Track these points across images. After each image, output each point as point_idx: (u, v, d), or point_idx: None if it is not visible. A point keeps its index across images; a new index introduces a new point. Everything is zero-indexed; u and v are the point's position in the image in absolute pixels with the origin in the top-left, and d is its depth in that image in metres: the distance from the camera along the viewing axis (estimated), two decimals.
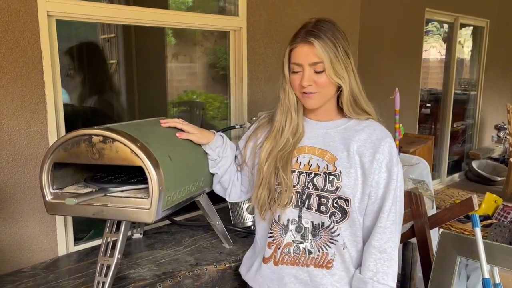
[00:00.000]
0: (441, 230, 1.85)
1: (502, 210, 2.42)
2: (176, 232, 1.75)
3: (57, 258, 1.55)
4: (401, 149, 2.57)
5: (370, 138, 1.18)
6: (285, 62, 1.20)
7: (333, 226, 1.16)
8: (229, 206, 1.78)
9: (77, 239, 1.67)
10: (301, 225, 1.18)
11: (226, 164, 1.34)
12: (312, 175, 1.18)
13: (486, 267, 1.50)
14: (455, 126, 4.99)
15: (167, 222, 1.84)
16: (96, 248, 1.59)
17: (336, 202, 1.15)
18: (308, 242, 1.18)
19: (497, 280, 1.54)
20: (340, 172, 1.16)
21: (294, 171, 1.19)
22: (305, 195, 1.17)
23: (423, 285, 1.90)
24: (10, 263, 1.46)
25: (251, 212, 1.70)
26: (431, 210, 2.14)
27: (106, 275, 1.23)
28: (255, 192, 1.23)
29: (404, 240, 1.96)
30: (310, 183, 1.17)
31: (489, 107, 5.43)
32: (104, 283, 1.22)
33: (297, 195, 1.18)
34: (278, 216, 1.20)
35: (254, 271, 1.28)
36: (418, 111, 4.22)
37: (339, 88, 1.18)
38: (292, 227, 1.18)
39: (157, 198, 1.14)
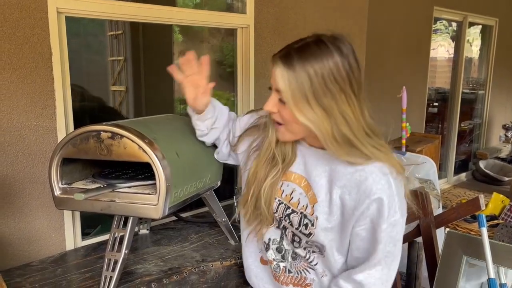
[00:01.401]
0: (447, 229, 1.84)
1: (509, 210, 2.41)
2: (182, 228, 1.76)
3: (65, 253, 1.56)
4: (407, 148, 2.56)
5: (359, 188, 0.97)
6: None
7: (309, 257, 1.09)
8: (235, 203, 1.79)
9: (84, 234, 1.69)
10: (282, 246, 1.12)
11: (214, 135, 1.27)
12: (290, 210, 1.07)
13: (492, 267, 1.50)
14: (462, 125, 4.96)
15: (174, 218, 1.85)
16: (103, 243, 1.61)
17: (310, 244, 1.07)
18: (288, 263, 1.12)
19: (503, 280, 1.53)
20: (316, 218, 1.02)
21: (276, 199, 1.09)
22: (282, 225, 1.10)
23: (428, 284, 1.90)
24: (19, 257, 1.48)
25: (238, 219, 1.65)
26: (437, 210, 2.13)
27: (113, 270, 1.24)
28: (243, 201, 1.14)
29: (410, 239, 1.96)
30: (287, 217, 1.07)
31: (497, 106, 5.39)
32: (111, 277, 1.23)
33: (279, 220, 1.10)
34: (261, 233, 1.13)
35: (247, 269, 1.25)
36: (425, 110, 4.20)
37: None
38: (273, 246, 1.13)
39: (164, 194, 1.15)
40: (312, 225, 1.03)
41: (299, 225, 1.05)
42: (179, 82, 1.16)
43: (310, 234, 1.04)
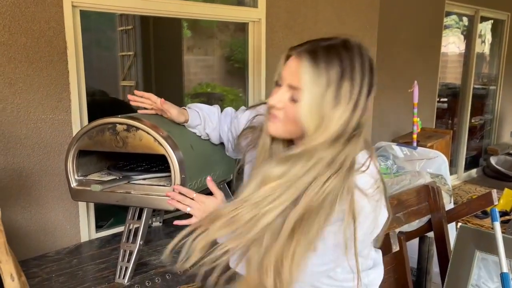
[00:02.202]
0: (459, 224, 1.84)
1: None
2: None
3: (79, 244, 1.59)
4: (418, 143, 2.55)
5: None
6: (278, 68, 0.91)
7: None
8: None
9: (98, 227, 1.71)
10: None
11: (215, 135, 1.27)
12: None
13: (505, 261, 1.49)
14: (473, 121, 4.91)
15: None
16: (117, 235, 1.63)
17: None
18: None
19: None
20: None
21: None
22: None
23: (439, 279, 1.90)
24: (35, 247, 1.50)
25: None
26: (448, 205, 2.12)
27: (128, 260, 1.26)
28: None
29: (421, 234, 1.95)
30: None
31: (508, 102, 5.33)
32: (127, 268, 1.25)
33: None
34: None
35: None
36: (435, 105, 4.17)
37: None
38: None
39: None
40: None
41: None
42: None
43: None
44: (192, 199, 1.06)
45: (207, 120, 1.24)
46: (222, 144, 1.37)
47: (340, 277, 0.96)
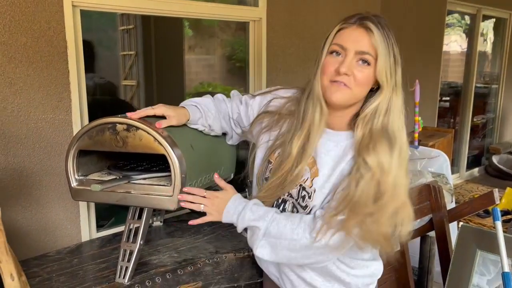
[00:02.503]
0: (461, 223, 1.83)
1: None
2: None
3: (80, 244, 1.59)
4: (420, 142, 2.54)
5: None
6: (327, 42, 1.02)
7: None
8: (247, 197, 1.79)
9: (99, 227, 1.71)
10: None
11: (216, 126, 1.27)
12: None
13: (506, 261, 1.49)
14: (475, 120, 4.90)
15: (187, 211, 1.86)
16: (118, 235, 1.63)
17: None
18: None
19: None
20: (314, 191, 1.06)
21: None
22: (282, 199, 1.13)
23: (441, 279, 1.90)
24: (36, 247, 1.51)
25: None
26: (450, 204, 2.11)
27: (129, 260, 1.26)
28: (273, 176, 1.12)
29: (423, 233, 1.95)
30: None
31: (511, 100, 5.31)
32: (127, 267, 1.25)
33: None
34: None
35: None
36: (437, 104, 4.16)
37: (369, 96, 1.04)
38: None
39: (179, 186, 1.16)
40: (309, 197, 1.07)
41: (298, 197, 1.09)
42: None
43: (306, 206, 1.08)
44: (204, 197, 1.12)
45: (206, 111, 1.25)
46: (222, 142, 1.37)
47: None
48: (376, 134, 1.01)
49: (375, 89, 1.05)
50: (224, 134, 1.36)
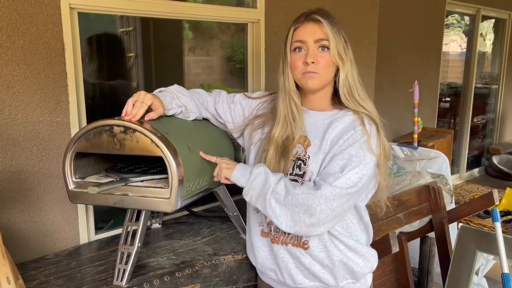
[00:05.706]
0: (460, 224, 1.83)
1: None
2: (194, 222, 1.77)
3: (78, 246, 1.59)
4: (419, 143, 2.53)
5: (346, 128, 1.18)
6: (288, 43, 1.21)
7: None
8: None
9: (97, 229, 1.71)
10: None
11: (192, 107, 1.35)
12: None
13: (506, 262, 1.48)
14: (475, 120, 4.89)
15: (185, 213, 1.86)
16: (116, 237, 1.63)
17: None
18: None
19: None
20: (308, 158, 1.19)
21: None
22: None
23: (440, 280, 1.89)
24: (34, 250, 1.50)
25: None
26: (449, 205, 2.11)
27: (126, 262, 1.26)
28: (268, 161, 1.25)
29: (422, 234, 1.94)
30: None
31: (511, 101, 5.30)
32: (124, 270, 1.25)
33: None
34: None
35: (252, 252, 1.34)
36: (437, 105, 4.16)
37: (336, 75, 1.21)
38: None
39: (176, 188, 1.16)
40: (305, 164, 1.20)
41: (293, 169, 1.21)
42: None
43: (304, 173, 1.19)
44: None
45: (176, 92, 1.32)
46: (220, 144, 1.37)
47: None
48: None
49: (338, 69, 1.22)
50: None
